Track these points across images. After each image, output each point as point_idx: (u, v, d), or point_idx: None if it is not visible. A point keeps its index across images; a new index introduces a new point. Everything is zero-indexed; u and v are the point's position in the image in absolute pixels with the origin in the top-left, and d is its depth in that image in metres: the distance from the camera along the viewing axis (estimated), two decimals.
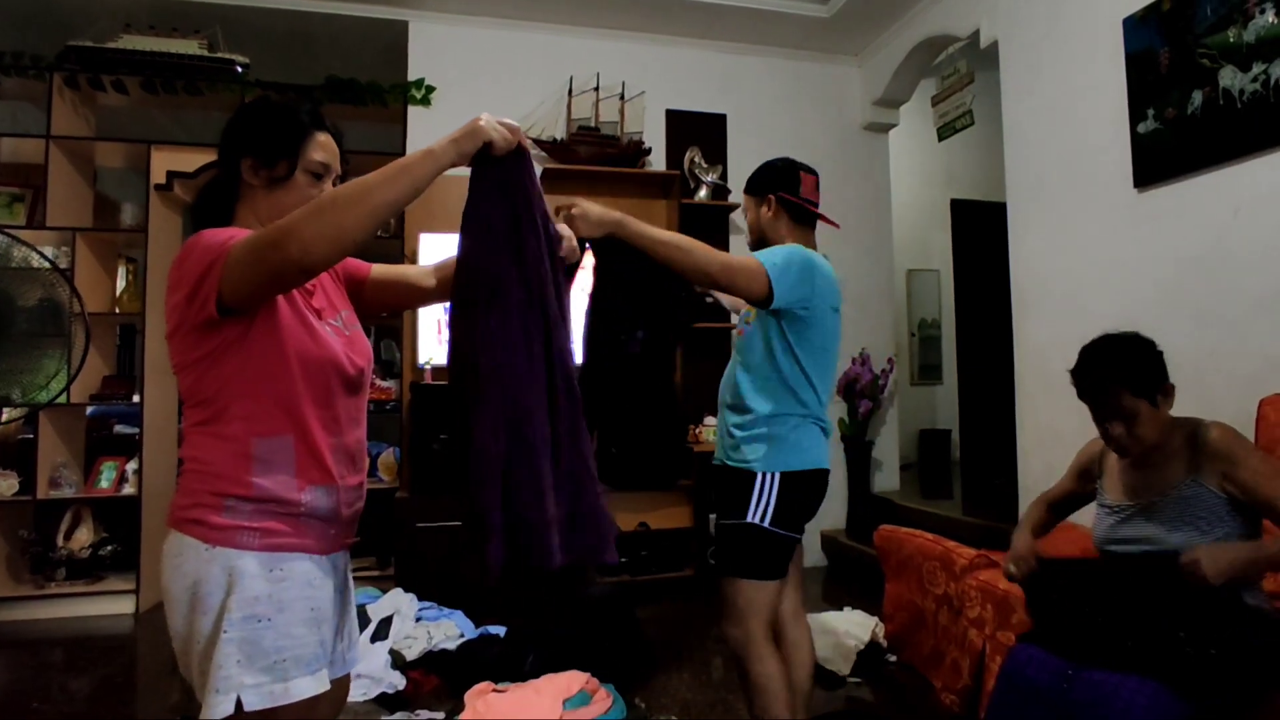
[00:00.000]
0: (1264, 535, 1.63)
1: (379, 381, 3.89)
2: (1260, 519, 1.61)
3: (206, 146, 3.71)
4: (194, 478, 1.14)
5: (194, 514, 1.12)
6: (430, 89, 4.01)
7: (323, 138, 1.25)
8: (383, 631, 2.84)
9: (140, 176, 3.69)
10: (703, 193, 4.24)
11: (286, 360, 1.15)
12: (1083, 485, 1.93)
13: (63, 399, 3.28)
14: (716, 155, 4.38)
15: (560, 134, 4.10)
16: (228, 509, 1.11)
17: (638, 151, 4.16)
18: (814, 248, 1.95)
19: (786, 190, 1.99)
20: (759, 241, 2.02)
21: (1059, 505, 1.99)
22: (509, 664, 2.69)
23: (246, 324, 1.12)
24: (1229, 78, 2.41)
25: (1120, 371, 1.65)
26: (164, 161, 3.65)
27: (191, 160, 3.65)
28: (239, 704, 1.06)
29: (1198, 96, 2.51)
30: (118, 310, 3.81)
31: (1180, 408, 1.71)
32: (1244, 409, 2.23)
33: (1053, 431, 3.15)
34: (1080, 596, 1.64)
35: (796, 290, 1.78)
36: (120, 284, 3.94)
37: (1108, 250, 2.93)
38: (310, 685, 1.12)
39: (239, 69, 3.75)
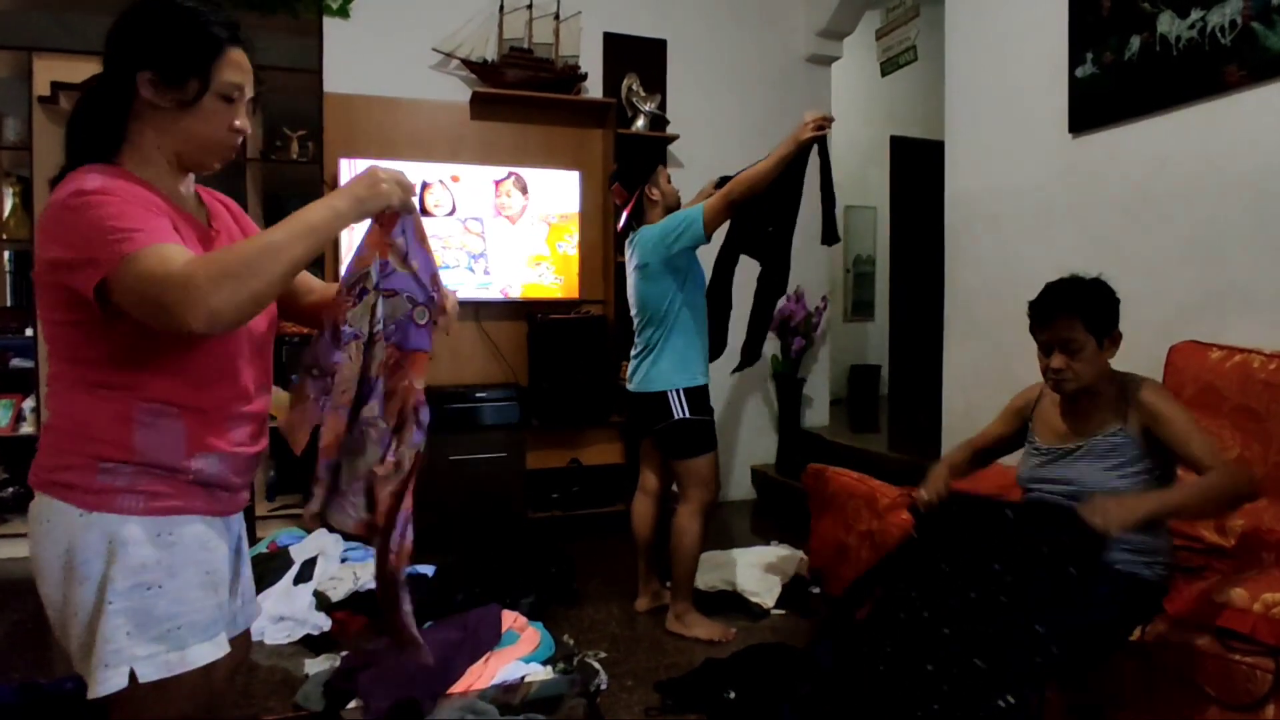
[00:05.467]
0: (1177, 478, 1.71)
1: None
2: (1174, 463, 1.69)
3: (96, 55, 3.37)
4: (64, 436, 1.04)
5: (64, 476, 1.02)
6: None
7: (237, 54, 1.08)
8: (306, 573, 2.79)
9: (24, 86, 3.34)
10: (640, 122, 4.09)
11: (173, 338, 1.03)
12: (1014, 427, 1.96)
13: None
14: (655, 84, 4.22)
15: (490, 55, 3.87)
16: (104, 471, 1.02)
17: (573, 77, 3.97)
18: None
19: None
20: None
21: (985, 451, 2.02)
22: (438, 603, 2.67)
23: None
24: (1167, 24, 2.40)
25: (1079, 304, 1.70)
26: (47, 71, 3.31)
27: (79, 69, 3.31)
28: (132, 676, 1.00)
29: (1135, 42, 2.50)
30: (4, 236, 3.51)
31: None
32: (1155, 355, 2.31)
33: (975, 373, 3.23)
34: (954, 543, 1.68)
35: None
36: (8, 206, 3.62)
37: (1039, 195, 2.95)
38: (208, 651, 1.07)
39: None
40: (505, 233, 3.83)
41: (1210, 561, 1.83)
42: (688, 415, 2.55)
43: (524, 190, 3.85)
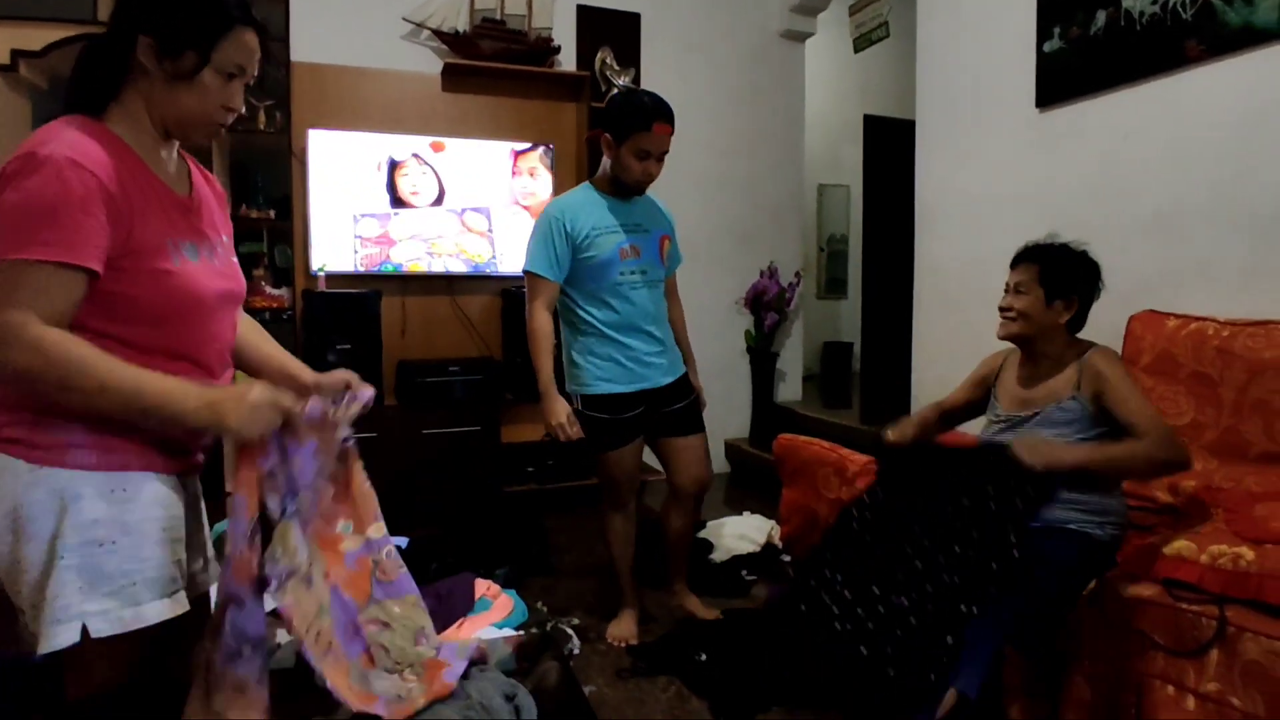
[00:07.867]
0: None
1: (269, 289, 3.67)
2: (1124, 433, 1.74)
3: (56, 21, 3.28)
4: (10, 389, 1.01)
5: (12, 431, 1.00)
6: None
7: (247, 34, 1.06)
8: None
9: None
10: None
11: (139, 304, 1.03)
12: (977, 394, 2.03)
13: None
14: (629, 57, 4.20)
15: (462, 25, 3.83)
16: (54, 426, 1.00)
17: (546, 49, 3.93)
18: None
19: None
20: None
21: (950, 414, 2.08)
22: (412, 573, 2.68)
23: None
24: None
25: (1042, 255, 1.81)
26: (6, 38, 3.22)
27: (39, 36, 3.22)
28: (85, 631, 0.98)
29: (1101, 16, 2.54)
30: None
31: None
32: (1115, 325, 2.36)
33: (946, 349, 3.28)
34: (906, 486, 1.76)
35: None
36: None
37: (1008, 171, 3.00)
38: (166, 608, 1.05)
39: None
40: (506, 212, 3.85)
41: (1162, 520, 1.89)
42: (580, 409, 2.38)
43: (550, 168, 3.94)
